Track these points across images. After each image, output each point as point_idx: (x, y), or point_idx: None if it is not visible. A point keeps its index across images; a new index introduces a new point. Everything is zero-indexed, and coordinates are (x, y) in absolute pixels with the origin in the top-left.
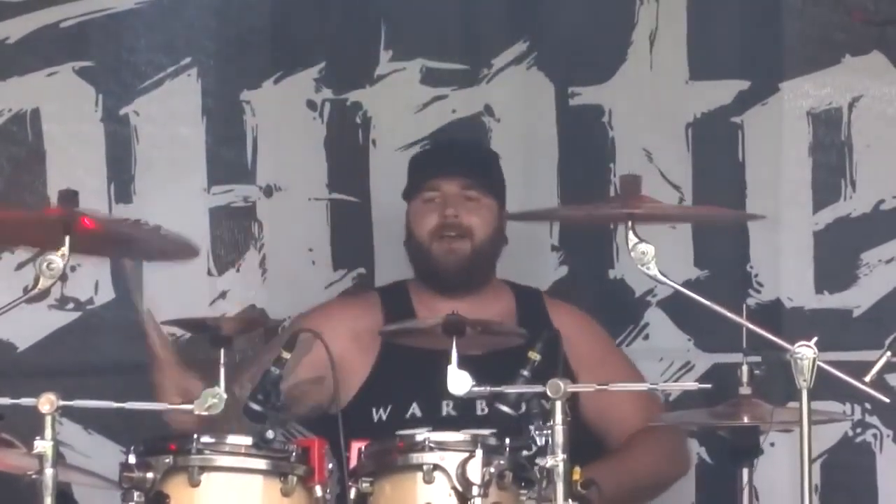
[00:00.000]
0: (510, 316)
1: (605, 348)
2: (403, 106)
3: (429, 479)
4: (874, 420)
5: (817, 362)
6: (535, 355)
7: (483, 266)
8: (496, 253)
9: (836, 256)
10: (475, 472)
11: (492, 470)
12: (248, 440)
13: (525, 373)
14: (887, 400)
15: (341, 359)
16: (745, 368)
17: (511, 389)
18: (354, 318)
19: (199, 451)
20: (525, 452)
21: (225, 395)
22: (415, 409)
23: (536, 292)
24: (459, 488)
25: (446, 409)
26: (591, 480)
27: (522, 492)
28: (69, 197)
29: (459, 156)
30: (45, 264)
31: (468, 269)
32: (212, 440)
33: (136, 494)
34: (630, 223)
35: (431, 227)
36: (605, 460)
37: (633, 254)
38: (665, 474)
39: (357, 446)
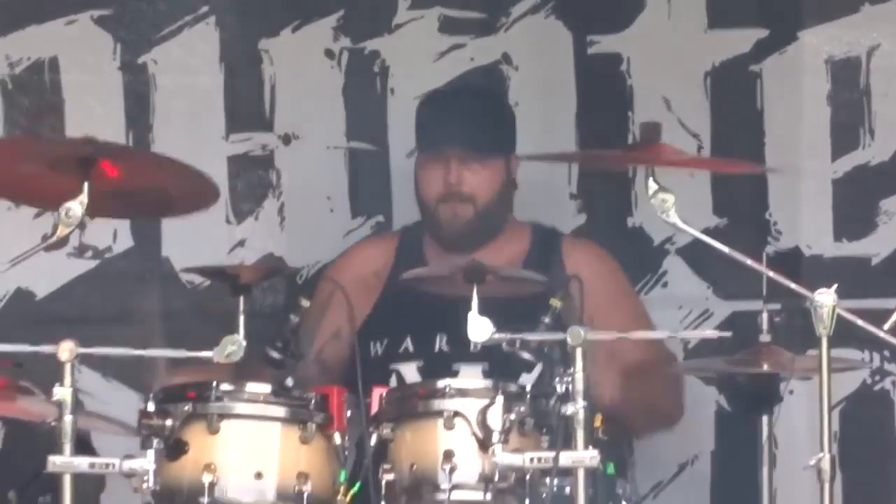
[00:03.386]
0: (519, 260)
1: (618, 291)
2: (421, 54)
3: (449, 426)
4: (893, 367)
5: (836, 310)
6: (556, 303)
7: (490, 224)
8: (505, 204)
9: (855, 204)
10: (496, 418)
11: (512, 417)
12: (267, 388)
13: (546, 320)
14: None
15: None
16: (764, 316)
17: (532, 337)
18: (365, 261)
19: (219, 399)
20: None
21: (244, 343)
22: (408, 343)
23: (555, 234)
24: (480, 435)
25: (439, 344)
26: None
27: (543, 438)
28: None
29: (462, 118)
30: (63, 212)
31: (473, 231)
32: (231, 388)
33: (154, 441)
34: (649, 171)
35: (436, 191)
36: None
37: (652, 201)
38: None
39: (378, 392)
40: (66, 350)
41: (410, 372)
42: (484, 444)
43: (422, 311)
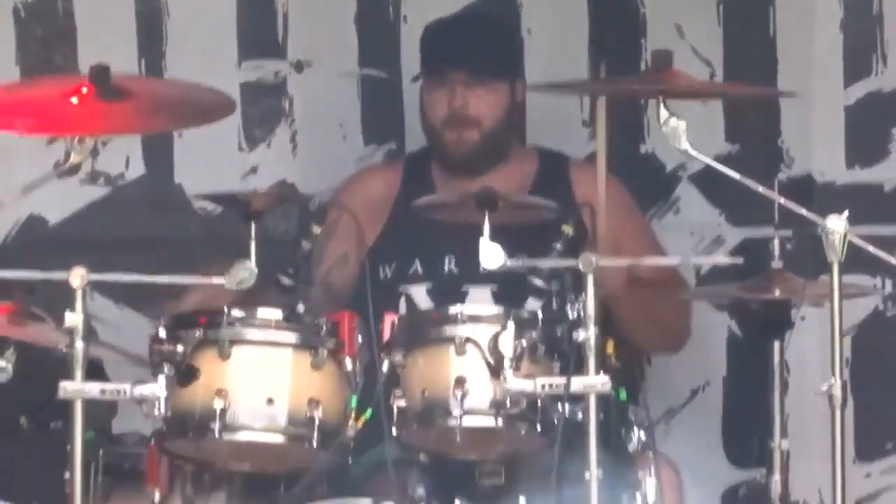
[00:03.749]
0: (527, 185)
1: (628, 217)
2: None
3: (461, 352)
4: None
5: (848, 236)
6: (568, 229)
7: (496, 149)
8: (512, 129)
9: (867, 131)
10: (507, 344)
11: (524, 343)
12: (278, 313)
13: (558, 246)
14: None
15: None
16: (776, 242)
17: (544, 263)
18: (372, 186)
19: (230, 325)
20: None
21: (256, 270)
22: (417, 266)
23: (562, 159)
24: (491, 361)
25: (448, 265)
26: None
27: (555, 364)
28: (100, 72)
29: (466, 42)
30: (76, 139)
31: (479, 156)
32: (242, 314)
33: (166, 367)
34: (661, 98)
35: (441, 116)
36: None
37: (664, 129)
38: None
39: (390, 319)
40: (77, 276)
41: (420, 294)
42: (495, 371)
43: (430, 235)
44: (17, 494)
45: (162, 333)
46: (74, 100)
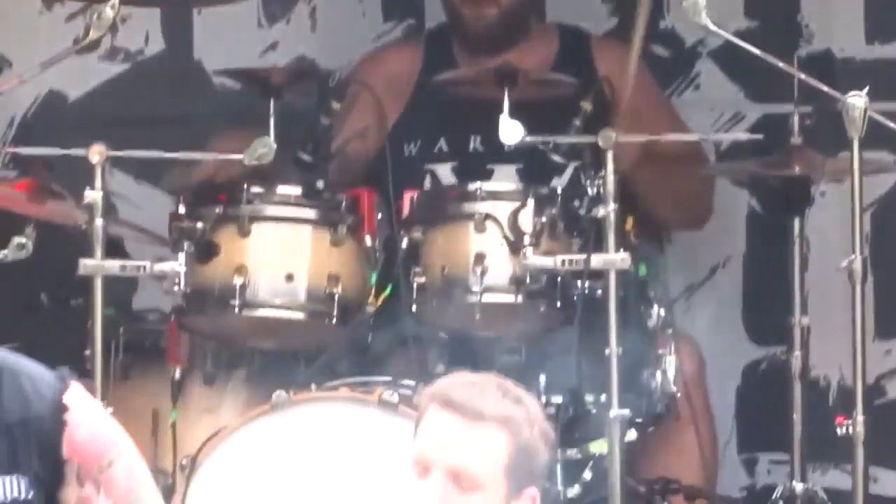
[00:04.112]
0: (549, 63)
1: (649, 93)
2: None
3: (480, 229)
4: None
5: (868, 112)
6: (587, 105)
7: (515, 26)
8: (530, 6)
9: (888, 6)
10: (527, 221)
11: (543, 219)
12: (297, 190)
13: (577, 123)
14: None
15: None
16: (795, 118)
17: (563, 139)
18: (392, 63)
19: (249, 201)
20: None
21: (274, 146)
22: (442, 143)
23: (583, 35)
24: (511, 237)
25: (473, 144)
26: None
27: (574, 241)
28: None
29: None
30: (95, 15)
31: (498, 32)
32: (261, 190)
33: (186, 244)
34: None
35: None
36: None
37: (684, 3)
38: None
39: (409, 195)
40: (96, 153)
41: (445, 172)
42: (515, 247)
43: (454, 113)
44: None
45: (181, 210)
46: None
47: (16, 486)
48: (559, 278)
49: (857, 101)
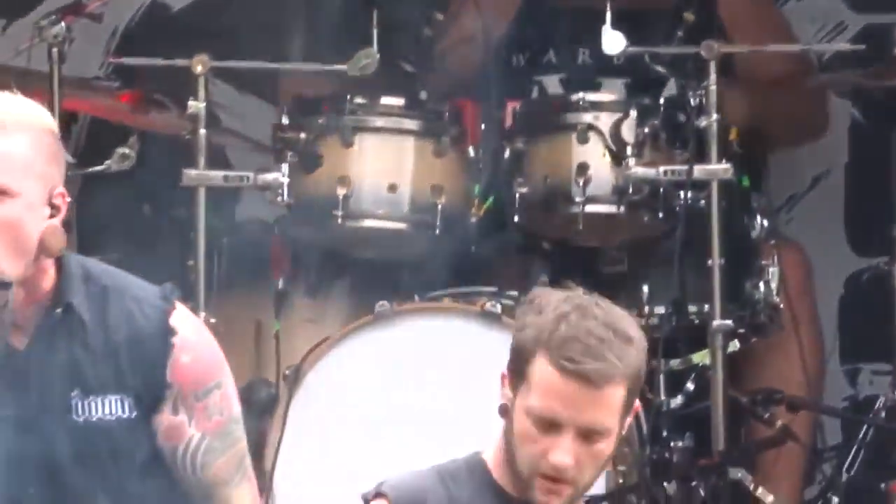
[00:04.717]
0: None
1: (760, 6)
2: None
3: (583, 140)
4: None
5: None
6: (689, 16)
7: None
8: None
9: None
10: (629, 131)
11: (646, 130)
12: (400, 101)
13: (679, 33)
14: None
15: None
16: None
17: (665, 50)
18: None
19: (353, 112)
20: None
21: (377, 56)
22: (551, 55)
23: None
24: (613, 148)
25: (581, 57)
26: None
27: (677, 151)
28: None
29: None
30: None
31: None
32: (365, 101)
33: (289, 154)
34: None
35: None
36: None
37: None
38: (802, 113)
39: (511, 106)
40: (200, 63)
41: (553, 83)
42: (617, 158)
43: (563, 25)
44: None
45: (285, 120)
46: None
47: (120, 406)
48: (661, 189)
49: None
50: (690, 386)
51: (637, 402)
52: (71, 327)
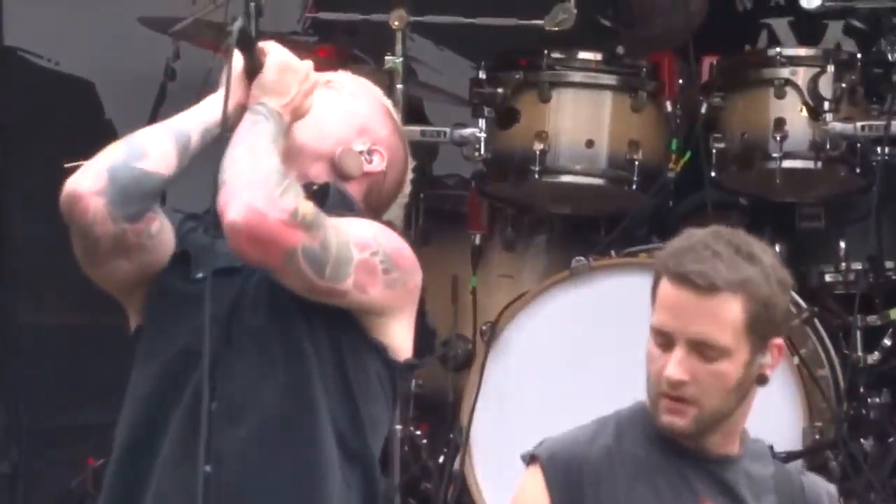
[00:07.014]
0: None
1: None
2: None
3: (780, 95)
4: None
5: None
6: None
7: None
8: None
9: None
10: (827, 87)
11: (843, 85)
12: (598, 56)
13: None
14: None
15: None
16: None
17: (864, 4)
18: None
19: (550, 67)
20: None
21: (574, 11)
22: None
23: None
24: (811, 103)
25: (741, 5)
26: None
27: (874, 107)
28: None
29: None
30: None
31: None
32: (562, 56)
33: (486, 110)
34: None
35: None
36: None
37: None
38: None
39: (709, 61)
40: (397, 18)
41: (781, 27)
42: (815, 113)
43: None
44: None
45: (482, 75)
46: None
47: None
48: (859, 144)
49: None
50: (887, 342)
51: (780, 340)
52: None
